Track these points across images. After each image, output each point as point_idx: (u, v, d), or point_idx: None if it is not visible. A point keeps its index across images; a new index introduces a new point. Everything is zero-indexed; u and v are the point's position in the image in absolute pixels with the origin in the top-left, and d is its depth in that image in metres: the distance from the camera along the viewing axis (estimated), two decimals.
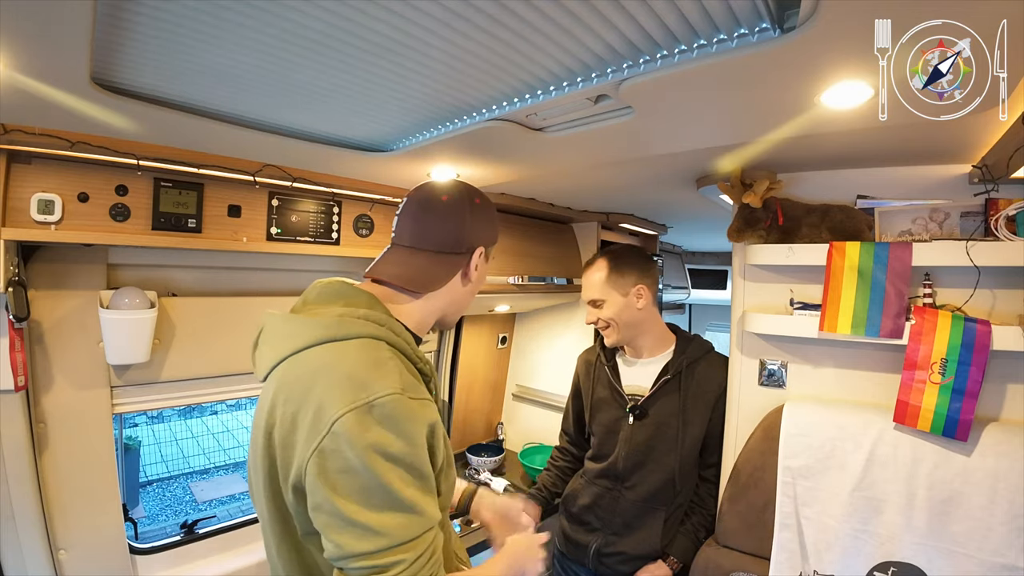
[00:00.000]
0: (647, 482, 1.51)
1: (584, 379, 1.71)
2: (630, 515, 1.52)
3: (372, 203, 1.78)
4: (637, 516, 1.52)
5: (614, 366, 1.63)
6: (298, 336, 0.79)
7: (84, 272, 1.42)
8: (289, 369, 0.77)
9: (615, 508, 1.54)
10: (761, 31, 0.75)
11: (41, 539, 1.35)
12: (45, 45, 0.77)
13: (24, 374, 1.27)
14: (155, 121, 1.12)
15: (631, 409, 1.53)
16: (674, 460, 1.49)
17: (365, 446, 0.67)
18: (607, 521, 1.55)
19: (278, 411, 0.75)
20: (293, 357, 0.78)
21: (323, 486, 0.67)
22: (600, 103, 1.02)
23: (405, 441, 0.71)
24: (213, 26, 0.77)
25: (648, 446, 1.50)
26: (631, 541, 1.51)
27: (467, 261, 0.93)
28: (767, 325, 1.43)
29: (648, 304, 1.54)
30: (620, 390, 1.58)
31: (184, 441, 7.54)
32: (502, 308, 2.40)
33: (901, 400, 1.20)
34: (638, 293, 1.52)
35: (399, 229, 0.94)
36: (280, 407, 0.75)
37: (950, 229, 1.26)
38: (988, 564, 1.09)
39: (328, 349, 0.76)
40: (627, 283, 1.52)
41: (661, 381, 1.52)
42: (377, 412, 0.69)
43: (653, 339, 1.59)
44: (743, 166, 1.40)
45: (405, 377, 0.77)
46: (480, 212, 0.94)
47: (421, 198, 0.93)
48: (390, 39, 0.81)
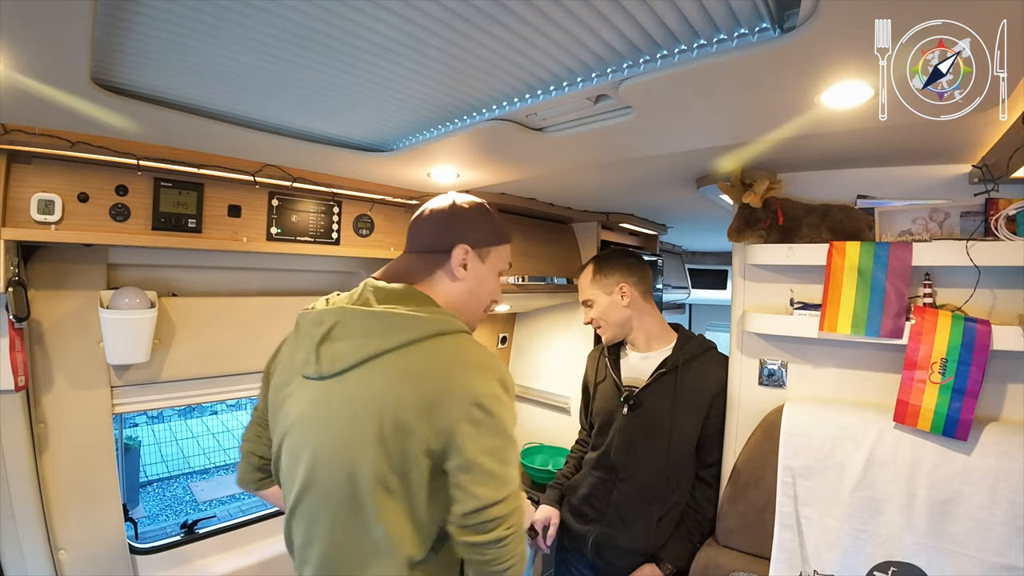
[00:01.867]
0: (639, 475, 1.53)
1: (590, 370, 1.78)
2: (623, 508, 1.55)
3: (372, 203, 1.78)
4: (630, 510, 1.54)
5: (616, 358, 1.69)
6: (406, 329, 0.87)
7: (84, 272, 1.42)
8: (408, 359, 0.86)
9: (609, 500, 1.57)
10: (761, 31, 0.75)
11: (41, 539, 1.35)
12: (45, 45, 0.77)
13: (24, 374, 1.28)
14: (155, 121, 1.12)
15: (625, 399, 1.57)
16: (664, 455, 1.50)
17: (504, 414, 0.85)
18: (602, 513, 1.58)
19: (408, 396, 0.83)
20: (407, 348, 0.86)
21: (472, 448, 0.82)
22: (600, 103, 1.02)
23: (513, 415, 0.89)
24: (213, 26, 0.77)
25: (640, 438, 1.53)
26: (625, 535, 1.53)
27: (447, 258, 0.99)
28: (767, 325, 1.43)
29: (634, 301, 1.60)
30: (618, 380, 1.63)
31: (184, 441, 7.55)
32: (502, 308, 2.40)
33: (901, 400, 1.20)
34: (621, 292, 1.59)
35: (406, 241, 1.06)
36: (410, 392, 0.83)
37: (950, 229, 1.26)
38: (988, 564, 1.09)
39: (445, 340, 0.88)
40: (611, 283, 1.60)
41: (656, 374, 1.55)
42: (507, 388, 0.89)
43: (649, 334, 1.63)
44: (743, 166, 1.40)
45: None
46: (463, 215, 1.02)
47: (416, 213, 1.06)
48: (390, 39, 0.81)
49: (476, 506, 0.82)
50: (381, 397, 0.84)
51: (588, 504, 1.61)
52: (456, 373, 0.86)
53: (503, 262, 1.09)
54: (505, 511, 0.84)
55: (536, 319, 2.73)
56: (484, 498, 0.82)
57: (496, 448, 0.85)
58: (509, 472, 0.86)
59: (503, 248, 1.08)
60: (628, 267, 1.62)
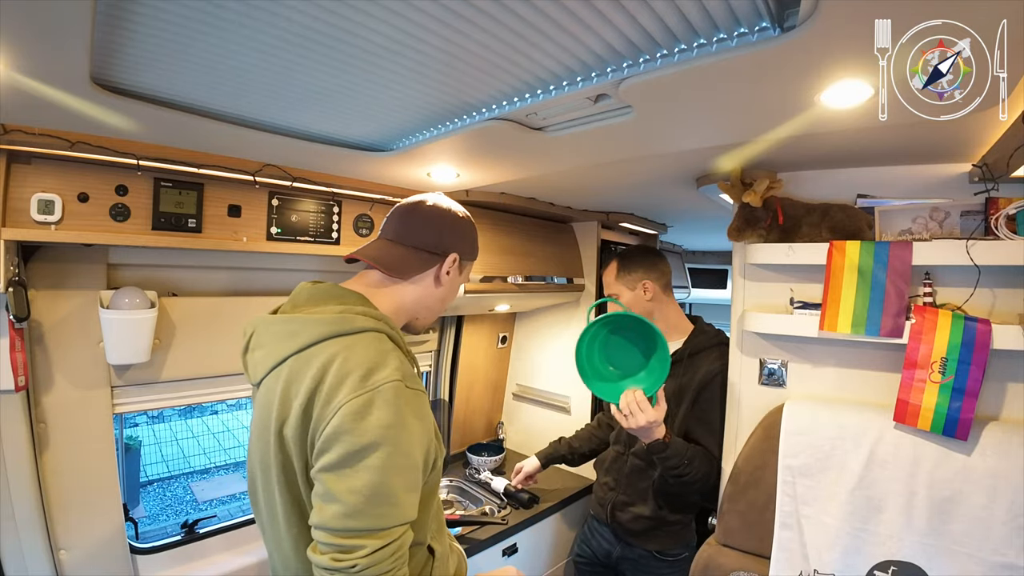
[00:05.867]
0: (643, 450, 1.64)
1: None
2: (633, 477, 1.73)
3: (372, 203, 1.78)
4: (635, 472, 1.72)
5: None
6: (302, 334, 0.83)
7: (84, 272, 1.42)
8: (296, 366, 0.81)
9: (623, 469, 1.76)
10: (761, 30, 0.75)
11: (42, 539, 1.35)
12: (45, 45, 0.77)
13: (24, 374, 1.28)
14: (155, 121, 1.12)
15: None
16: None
17: (363, 430, 0.73)
18: (618, 481, 1.77)
19: (291, 405, 0.79)
20: (300, 354, 0.82)
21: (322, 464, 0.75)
22: (600, 102, 1.02)
23: (399, 429, 0.76)
24: (213, 26, 0.77)
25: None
26: (632, 496, 1.71)
27: (441, 262, 1.01)
28: (767, 324, 1.43)
29: (656, 295, 1.73)
30: None
31: (184, 441, 7.55)
32: (502, 308, 2.40)
33: (901, 399, 1.20)
34: (644, 287, 1.72)
35: (385, 227, 1.05)
36: (293, 400, 0.79)
37: (950, 228, 1.26)
38: (988, 563, 1.09)
39: (335, 343, 0.81)
40: (634, 279, 1.73)
41: None
42: (379, 399, 0.75)
43: (669, 325, 1.75)
44: (743, 165, 1.40)
45: (405, 367, 0.83)
46: (460, 224, 1.05)
47: (409, 204, 1.04)
48: (390, 39, 0.80)
49: (316, 521, 0.75)
50: (277, 402, 0.82)
51: (609, 475, 1.81)
52: (329, 379, 0.78)
53: (468, 276, 1.13)
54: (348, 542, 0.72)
55: (536, 319, 2.73)
56: (321, 519, 0.74)
57: (351, 470, 0.73)
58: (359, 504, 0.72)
59: (472, 263, 1.12)
60: (650, 264, 1.74)
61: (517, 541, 1.99)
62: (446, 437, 2.61)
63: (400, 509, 0.76)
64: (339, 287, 0.95)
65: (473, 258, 1.10)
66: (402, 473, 0.76)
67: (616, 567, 1.80)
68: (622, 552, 1.76)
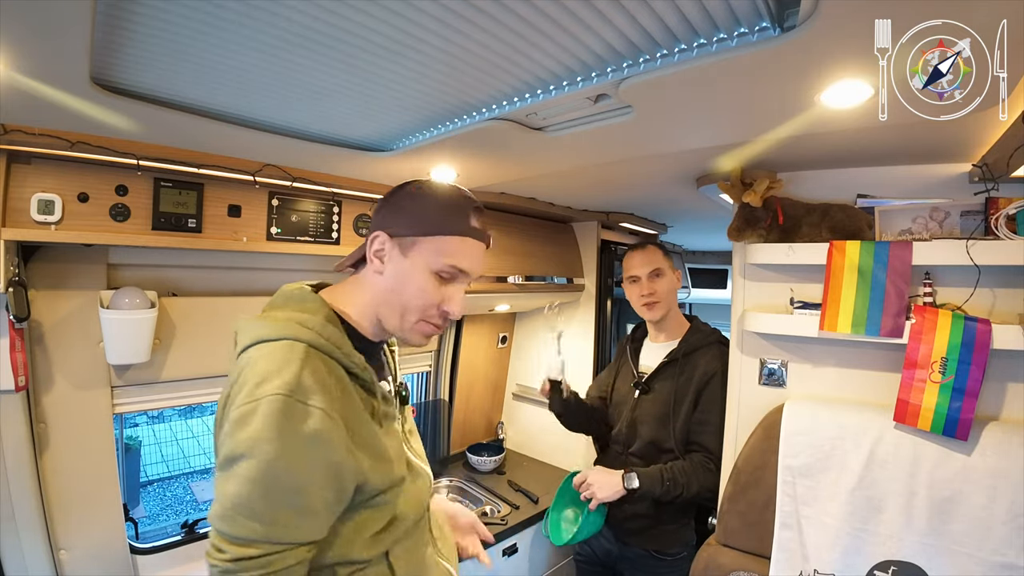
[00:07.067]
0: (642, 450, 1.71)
1: (619, 354, 2.00)
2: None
3: (372, 203, 1.78)
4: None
5: (637, 348, 1.89)
6: (242, 339, 0.82)
7: (84, 272, 1.42)
8: (233, 369, 0.81)
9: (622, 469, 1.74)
10: (761, 30, 0.75)
11: (42, 539, 1.35)
12: (45, 45, 0.77)
13: (24, 374, 1.28)
14: (155, 121, 1.12)
15: (635, 384, 1.77)
16: (666, 436, 1.67)
17: (237, 440, 0.70)
18: None
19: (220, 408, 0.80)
20: (237, 358, 0.81)
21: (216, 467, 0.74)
22: (600, 102, 1.02)
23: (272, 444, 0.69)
24: (213, 26, 0.77)
25: (647, 418, 1.71)
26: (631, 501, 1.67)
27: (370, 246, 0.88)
28: (767, 324, 1.43)
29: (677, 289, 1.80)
30: (634, 366, 1.83)
31: (185, 441, 7.54)
32: (502, 308, 2.40)
33: (901, 399, 1.20)
34: (677, 275, 1.80)
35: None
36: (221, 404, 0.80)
37: (950, 228, 1.26)
38: (988, 563, 1.09)
39: (256, 350, 0.78)
40: (672, 264, 1.81)
41: (661, 363, 1.73)
42: (260, 411, 0.70)
43: (673, 323, 1.80)
44: (743, 165, 1.40)
45: (308, 381, 0.73)
46: (400, 198, 0.89)
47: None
48: (390, 39, 0.81)
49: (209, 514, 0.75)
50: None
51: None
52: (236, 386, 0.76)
53: (442, 259, 0.84)
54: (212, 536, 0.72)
55: (536, 319, 2.73)
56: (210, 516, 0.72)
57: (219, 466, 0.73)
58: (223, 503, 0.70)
59: (439, 241, 0.84)
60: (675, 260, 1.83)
61: (517, 541, 1.99)
62: (446, 437, 2.61)
63: (272, 528, 0.70)
64: (304, 290, 0.89)
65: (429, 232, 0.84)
66: (275, 493, 0.70)
67: (616, 567, 1.81)
68: (621, 552, 1.76)
